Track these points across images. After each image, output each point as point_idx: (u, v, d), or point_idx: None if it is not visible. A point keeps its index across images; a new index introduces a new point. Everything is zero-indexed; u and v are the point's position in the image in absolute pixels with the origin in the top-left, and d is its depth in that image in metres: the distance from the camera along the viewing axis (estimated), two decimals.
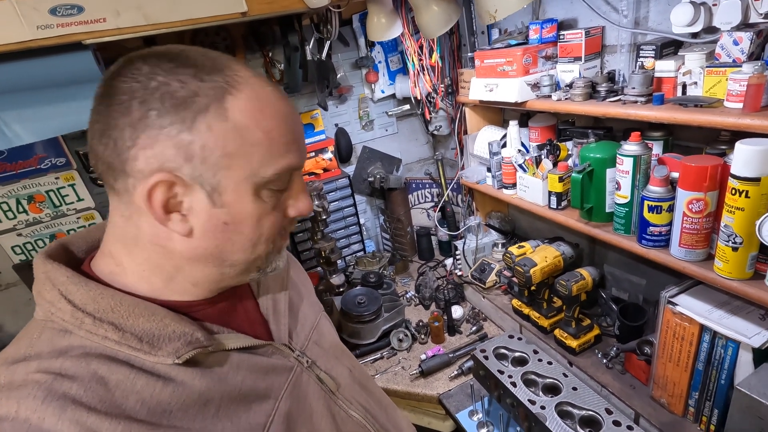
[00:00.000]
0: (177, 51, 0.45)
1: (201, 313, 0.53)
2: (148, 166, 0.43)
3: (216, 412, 0.49)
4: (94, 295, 0.46)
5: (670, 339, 1.02)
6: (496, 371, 1.17)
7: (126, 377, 0.44)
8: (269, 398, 0.55)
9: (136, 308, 0.47)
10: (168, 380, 0.46)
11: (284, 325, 0.62)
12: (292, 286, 0.69)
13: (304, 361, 0.61)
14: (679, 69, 0.96)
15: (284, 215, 0.53)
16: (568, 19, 1.28)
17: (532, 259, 1.32)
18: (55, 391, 0.40)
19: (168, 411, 0.45)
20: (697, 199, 0.88)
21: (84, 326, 0.45)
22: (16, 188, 1.57)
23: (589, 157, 1.12)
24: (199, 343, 0.48)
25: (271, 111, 0.47)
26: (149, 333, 0.46)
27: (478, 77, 1.40)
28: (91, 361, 0.43)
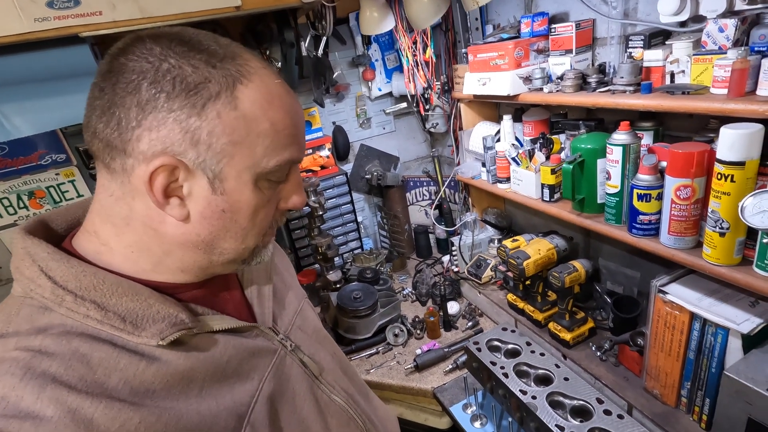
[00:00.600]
0: (189, 35, 0.45)
1: (186, 294, 0.53)
2: (152, 148, 0.43)
3: (199, 391, 0.48)
4: (76, 272, 0.45)
5: (662, 328, 1.02)
6: (488, 362, 1.17)
7: (109, 355, 0.43)
8: (253, 379, 0.54)
9: (120, 287, 0.46)
10: (152, 359, 0.45)
11: (268, 308, 0.62)
12: (276, 273, 0.70)
13: (288, 345, 0.61)
14: (667, 58, 0.96)
15: (277, 207, 0.53)
16: (559, 12, 1.29)
17: (526, 251, 1.32)
18: (34, 368, 0.39)
19: (151, 390, 0.44)
20: (685, 186, 0.88)
21: (65, 304, 0.44)
22: (17, 184, 1.60)
23: (579, 148, 1.13)
24: (184, 325, 0.47)
25: (278, 103, 0.47)
26: (133, 313, 0.45)
27: (471, 72, 1.41)
28: (72, 339, 0.42)
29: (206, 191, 0.46)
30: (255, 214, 0.49)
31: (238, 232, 0.50)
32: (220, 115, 0.43)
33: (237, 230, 0.49)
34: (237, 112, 0.44)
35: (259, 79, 0.46)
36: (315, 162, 1.95)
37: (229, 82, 0.44)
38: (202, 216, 0.47)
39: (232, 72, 0.44)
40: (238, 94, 0.44)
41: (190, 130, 0.43)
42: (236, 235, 0.50)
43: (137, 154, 0.43)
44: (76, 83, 1.20)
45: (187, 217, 0.47)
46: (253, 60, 0.47)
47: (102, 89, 0.43)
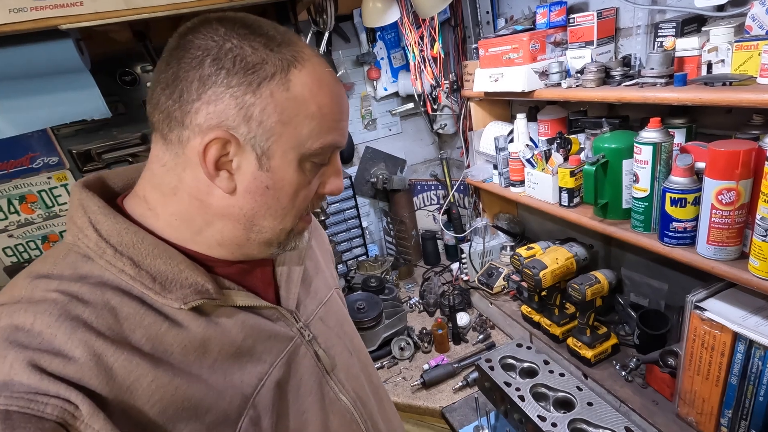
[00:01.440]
0: (252, 20, 0.48)
1: (219, 268, 0.54)
2: (208, 121, 0.45)
3: (212, 363, 0.50)
4: (120, 228, 0.48)
5: (698, 349, 0.91)
6: (502, 383, 1.07)
7: (136, 312, 0.46)
8: (265, 362, 0.55)
9: (156, 249, 0.48)
10: (174, 322, 0.48)
11: (294, 294, 0.62)
12: (311, 257, 0.70)
13: (306, 335, 0.62)
14: (704, 46, 0.86)
15: (316, 192, 0.54)
16: (578, 2, 1.20)
17: (542, 261, 1.22)
18: (69, 311, 0.42)
19: (169, 352, 0.47)
20: (728, 189, 0.77)
21: (105, 256, 0.47)
22: (7, 188, 1.54)
23: (603, 148, 1.03)
24: (208, 294, 0.50)
25: (327, 89, 0.50)
26: (163, 274, 0.48)
27: (482, 68, 1.32)
28: (105, 291, 0.45)
29: (254, 167, 0.48)
30: (296, 194, 0.51)
31: (278, 211, 0.51)
32: (273, 94, 0.46)
33: (278, 208, 0.51)
34: (289, 93, 0.47)
35: (311, 65, 0.49)
36: None
37: (284, 65, 0.46)
38: (247, 190, 0.49)
39: (287, 56, 0.47)
40: (291, 77, 0.47)
41: (245, 107, 0.45)
42: (276, 213, 0.51)
43: (194, 126, 0.46)
44: (62, 80, 1.13)
45: (233, 190, 0.49)
46: (307, 48, 0.50)
47: (168, 63, 0.46)
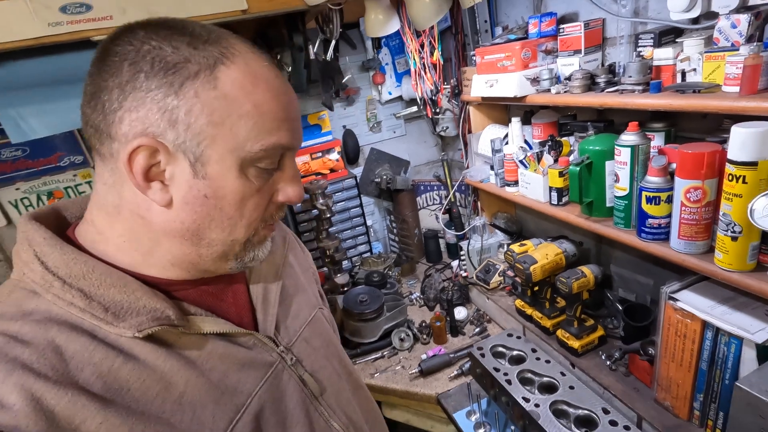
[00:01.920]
0: (176, 21, 0.45)
1: (181, 292, 0.51)
2: (132, 129, 0.42)
3: (179, 398, 0.46)
4: (68, 259, 0.45)
5: (672, 337, 0.97)
6: (492, 369, 1.15)
7: (84, 348, 0.42)
8: (241, 393, 0.51)
9: (109, 278, 0.45)
10: (130, 357, 0.44)
11: (272, 315, 0.58)
12: (289, 275, 0.66)
13: (288, 359, 0.57)
14: (678, 56, 0.93)
15: (272, 200, 0.51)
16: (569, 12, 1.27)
17: (533, 256, 1.29)
18: (6, 354, 0.39)
19: (125, 388, 0.43)
20: (695, 188, 0.84)
21: (52, 290, 0.44)
22: (37, 184, 1.66)
23: (587, 150, 1.10)
24: (168, 321, 0.46)
25: (264, 86, 0.46)
26: (118, 304, 0.45)
27: (479, 74, 1.40)
28: (50, 328, 0.42)
29: (188, 175, 0.45)
30: (242, 203, 0.47)
31: (224, 221, 0.47)
32: (198, 94, 0.43)
33: (222, 219, 0.47)
34: (216, 92, 0.43)
35: (243, 60, 0.45)
36: (324, 165, 1.96)
37: (209, 62, 0.43)
38: (185, 201, 0.45)
39: (214, 53, 0.44)
40: (219, 75, 0.43)
41: (168, 110, 0.42)
42: (222, 224, 0.48)
43: (120, 136, 0.43)
44: None
45: (170, 202, 0.45)
46: (239, 44, 0.46)
47: (91, 75, 0.44)
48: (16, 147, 1.57)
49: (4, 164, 1.58)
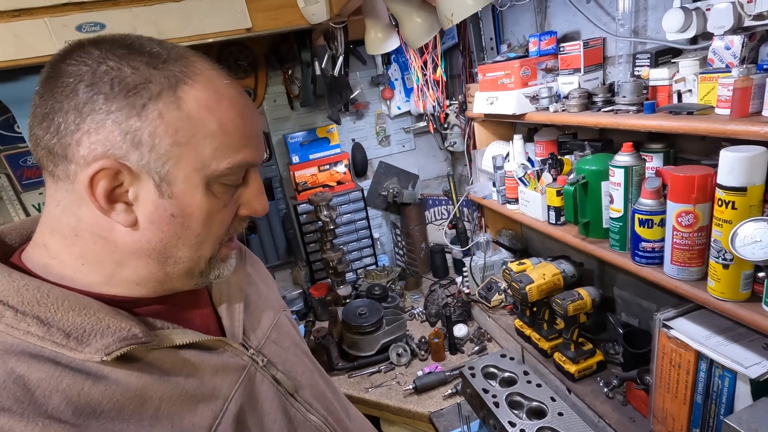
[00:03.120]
0: (132, 39, 0.45)
1: (144, 308, 0.50)
2: (92, 152, 0.42)
3: (155, 412, 0.45)
4: (18, 286, 0.42)
5: (667, 367, 0.93)
6: (481, 390, 1.12)
7: (49, 375, 0.40)
8: (218, 398, 0.51)
9: (66, 301, 0.43)
10: (99, 378, 0.42)
11: (239, 321, 0.59)
12: (250, 283, 0.67)
13: (259, 360, 0.58)
14: (674, 77, 0.91)
15: (236, 215, 0.51)
16: (571, 31, 1.26)
17: (530, 275, 1.27)
18: None
19: (98, 411, 0.41)
20: (686, 212, 0.82)
21: (4, 320, 0.41)
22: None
23: (584, 170, 1.08)
24: (136, 339, 0.44)
25: (227, 104, 0.46)
26: (79, 328, 0.43)
27: (480, 91, 1.40)
28: (8, 360, 0.40)
29: (153, 195, 0.44)
30: (209, 219, 0.47)
31: (191, 239, 0.47)
32: (161, 115, 0.42)
33: (190, 237, 0.47)
34: (180, 112, 0.43)
35: (206, 79, 0.45)
36: (332, 177, 1.99)
37: (171, 82, 0.43)
38: (151, 221, 0.45)
39: (176, 72, 0.44)
40: (182, 95, 0.43)
41: (131, 131, 0.42)
42: (189, 242, 0.47)
43: (78, 158, 0.42)
44: None
45: (134, 223, 0.45)
46: (199, 62, 0.46)
47: (41, 95, 0.42)
48: None
49: (29, 170, 1.68)
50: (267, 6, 1.20)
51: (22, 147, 1.64)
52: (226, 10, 1.16)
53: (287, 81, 1.86)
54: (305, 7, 1.18)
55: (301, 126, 1.99)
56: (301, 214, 1.92)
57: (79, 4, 1.05)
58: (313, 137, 1.96)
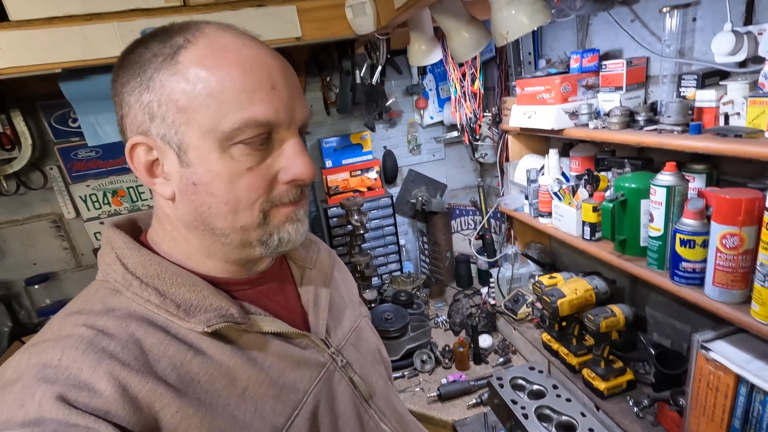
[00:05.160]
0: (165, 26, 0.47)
1: (241, 293, 0.54)
2: (132, 133, 0.46)
3: (242, 392, 0.48)
4: (144, 261, 0.49)
5: (704, 389, 0.93)
6: (509, 401, 1.13)
7: (160, 342, 0.45)
8: (298, 390, 0.53)
9: (179, 277, 0.49)
10: (198, 351, 0.47)
11: (323, 319, 0.60)
12: (335, 287, 0.68)
13: (339, 360, 0.59)
14: (721, 99, 0.92)
15: (277, 181, 0.49)
16: (613, 49, 1.27)
17: (561, 290, 1.27)
18: (95, 345, 0.42)
19: (195, 381, 0.45)
20: (732, 234, 0.82)
21: (131, 288, 0.47)
22: (104, 183, 1.84)
23: (623, 187, 1.09)
24: (232, 318, 0.48)
25: (228, 58, 0.44)
26: (188, 302, 0.48)
27: (518, 104, 1.42)
28: (131, 323, 0.45)
29: (176, 165, 0.46)
30: (231, 184, 0.46)
31: (220, 207, 0.47)
32: (163, 84, 0.44)
33: (218, 204, 0.47)
34: (177, 76, 0.43)
35: (207, 38, 0.44)
36: (362, 183, 2.03)
37: (172, 50, 0.44)
38: (180, 192, 0.47)
39: (179, 41, 0.44)
40: (180, 59, 0.43)
41: (146, 105, 0.44)
42: (220, 210, 0.47)
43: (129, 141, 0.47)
44: None
45: (173, 195, 0.48)
46: (207, 25, 0.46)
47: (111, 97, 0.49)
48: (90, 149, 1.75)
49: (79, 163, 1.77)
50: (317, 17, 1.25)
51: (74, 141, 1.73)
52: (278, 20, 1.21)
53: (325, 88, 1.91)
54: (353, 19, 1.23)
55: (335, 131, 2.04)
56: (331, 217, 1.96)
57: (145, 10, 1.12)
58: (347, 143, 2.01)
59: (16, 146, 1.62)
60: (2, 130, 1.57)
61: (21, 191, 1.72)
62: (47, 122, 1.69)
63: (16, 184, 1.70)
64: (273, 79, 0.46)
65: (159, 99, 0.44)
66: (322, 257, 0.68)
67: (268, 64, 0.46)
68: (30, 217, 1.78)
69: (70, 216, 1.81)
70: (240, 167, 0.46)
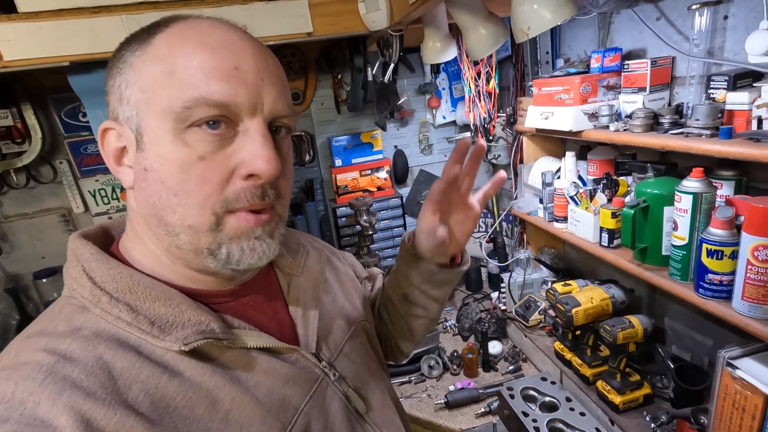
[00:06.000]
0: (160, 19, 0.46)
1: (222, 305, 0.50)
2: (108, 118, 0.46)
3: (225, 416, 0.44)
4: (114, 273, 0.45)
5: (729, 409, 0.87)
6: (520, 412, 1.09)
7: (131, 365, 0.41)
8: (287, 410, 0.49)
9: (153, 291, 0.45)
10: (175, 373, 0.43)
11: (312, 330, 0.56)
12: (328, 289, 0.64)
13: (332, 374, 0.55)
14: (755, 101, 0.86)
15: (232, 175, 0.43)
16: (636, 49, 1.22)
17: (576, 298, 1.22)
18: (56, 372, 0.38)
19: (172, 407, 0.41)
20: (765, 246, 0.76)
21: (100, 304, 0.43)
22: (113, 178, 1.83)
23: (645, 193, 1.03)
24: (213, 334, 0.44)
25: (192, 38, 0.42)
26: (163, 318, 0.44)
27: (535, 105, 1.37)
28: (98, 344, 0.41)
29: (134, 149, 0.43)
30: (182, 173, 0.42)
31: (170, 198, 0.42)
32: (132, 65, 0.43)
33: (168, 195, 0.42)
34: (145, 56, 0.42)
35: (183, 22, 0.43)
36: (372, 183, 1.99)
37: (148, 35, 0.43)
38: (135, 180, 0.44)
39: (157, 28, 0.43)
40: (152, 40, 0.42)
41: (117, 89, 0.43)
42: (169, 201, 0.43)
43: None
44: None
45: (132, 185, 0.45)
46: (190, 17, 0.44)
47: None
48: None
49: (89, 157, 1.76)
50: (329, 11, 1.22)
51: (84, 135, 1.72)
52: (289, 14, 1.18)
53: (336, 85, 1.89)
54: (366, 14, 1.19)
55: (345, 130, 2.01)
56: (340, 217, 1.93)
57: (154, 3, 1.10)
58: (357, 142, 1.97)
59: (26, 140, 1.62)
60: (13, 124, 1.57)
61: (31, 185, 1.72)
62: (57, 116, 1.69)
63: (26, 177, 1.70)
64: (238, 59, 0.42)
65: (127, 80, 0.43)
66: (311, 262, 0.63)
67: (235, 44, 0.43)
68: (39, 211, 1.78)
69: (79, 210, 1.81)
70: (192, 155, 0.42)
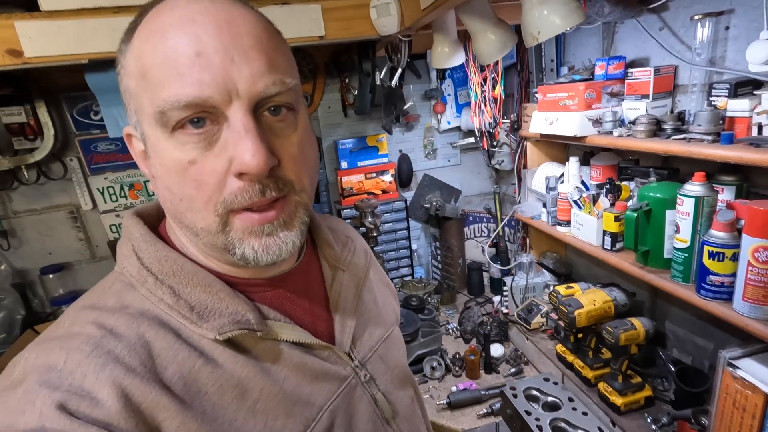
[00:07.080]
0: None
1: (260, 294, 0.49)
2: None
3: (252, 406, 0.44)
4: (159, 256, 0.45)
5: (729, 408, 0.89)
6: (523, 411, 1.10)
7: (170, 346, 0.42)
8: (312, 406, 0.48)
9: (195, 277, 0.45)
10: (209, 359, 0.43)
11: (349, 328, 0.55)
12: (369, 289, 0.62)
13: (362, 375, 0.54)
14: (755, 108, 0.89)
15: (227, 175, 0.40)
16: (639, 57, 1.25)
17: (579, 300, 1.24)
18: (102, 347, 0.39)
19: (203, 392, 0.42)
20: (765, 248, 0.79)
21: (146, 285, 0.44)
22: (122, 176, 1.85)
23: (647, 197, 1.06)
24: (248, 325, 0.44)
25: (159, 29, 0.38)
26: (202, 304, 0.44)
27: (539, 111, 1.40)
28: (142, 323, 0.42)
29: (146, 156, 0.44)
30: (180, 178, 0.40)
31: (177, 204, 0.42)
32: (124, 67, 0.41)
33: (175, 201, 0.42)
34: (131, 53, 0.40)
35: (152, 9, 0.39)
36: (377, 186, 2.02)
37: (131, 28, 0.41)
38: (152, 183, 0.45)
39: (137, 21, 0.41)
40: (131, 39, 0.40)
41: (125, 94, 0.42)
42: (179, 207, 0.42)
43: None
44: None
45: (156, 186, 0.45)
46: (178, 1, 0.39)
47: None
48: (110, 141, 1.77)
49: (99, 155, 1.79)
50: (341, 16, 1.25)
51: (95, 133, 1.75)
52: (302, 18, 1.22)
53: (344, 89, 1.92)
54: (377, 19, 1.23)
55: (351, 133, 2.04)
56: (344, 219, 1.96)
57: None
58: (363, 145, 2.00)
59: (38, 137, 1.64)
60: (26, 120, 1.59)
61: (41, 181, 1.75)
62: (70, 114, 1.72)
63: (36, 173, 1.72)
64: (199, 42, 0.37)
65: (124, 86, 0.42)
66: (357, 259, 0.61)
67: (195, 23, 0.37)
68: (48, 207, 1.80)
69: (87, 207, 1.83)
70: (183, 159, 0.39)
